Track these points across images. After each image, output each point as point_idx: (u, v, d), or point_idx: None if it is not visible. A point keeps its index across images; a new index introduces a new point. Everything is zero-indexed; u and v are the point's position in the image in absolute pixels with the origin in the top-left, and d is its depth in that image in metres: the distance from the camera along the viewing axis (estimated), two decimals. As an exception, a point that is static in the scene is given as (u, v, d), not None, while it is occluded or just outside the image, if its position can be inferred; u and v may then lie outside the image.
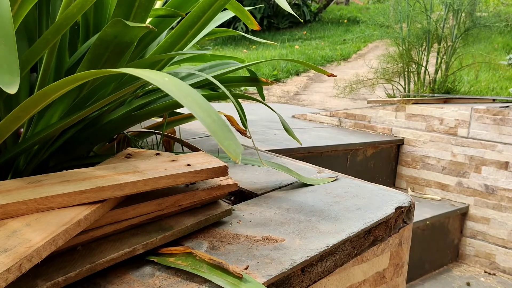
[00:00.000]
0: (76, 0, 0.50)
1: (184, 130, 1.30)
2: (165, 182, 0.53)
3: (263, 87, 0.86)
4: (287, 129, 0.72)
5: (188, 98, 0.36)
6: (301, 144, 0.84)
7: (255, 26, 0.86)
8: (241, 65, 0.79)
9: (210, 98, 0.75)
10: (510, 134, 2.20)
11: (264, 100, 0.83)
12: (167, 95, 0.71)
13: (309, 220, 0.65)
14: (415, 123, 2.56)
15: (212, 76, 0.74)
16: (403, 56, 3.20)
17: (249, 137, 0.80)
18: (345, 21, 10.20)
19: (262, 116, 2.40)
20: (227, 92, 0.48)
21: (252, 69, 0.94)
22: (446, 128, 2.45)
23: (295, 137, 0.75)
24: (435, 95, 3.06)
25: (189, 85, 0.67)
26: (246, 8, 0.93)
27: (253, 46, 7.43)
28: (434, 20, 3.18)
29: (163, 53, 0.69)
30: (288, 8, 0.73)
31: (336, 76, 0.89)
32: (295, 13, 9.53)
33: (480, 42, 3.22)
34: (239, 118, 0.59)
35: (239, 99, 0.75)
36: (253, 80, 0.82)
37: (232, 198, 0.80)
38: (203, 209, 0.60)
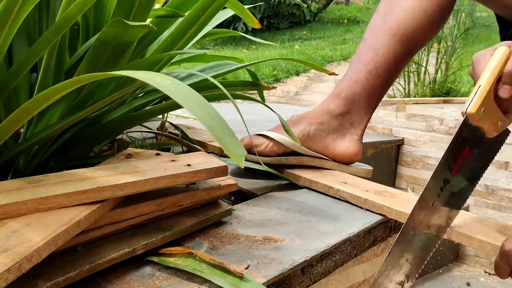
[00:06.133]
0: (76, 1, 0.50)
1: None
2: (165, 182, 0.53)
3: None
4: (287, 130, 0.72)
5: (188, 98, 0.36)
6: (300, 144, 0.83)
7: (256, 25, 0.86)
8: (240, 64, 0.79)
9: (209, 99, 0.75)
10: (510, 134, 2.20)
11: (264, 101, 0.83)
12: (167, 95, 0.71)
13: (309, 220, 0.65)
14: (415, 123, 2.56)
15: (213, 76, 0.74)
16: (403, 56, 3.19)
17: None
18: (345, 21, 10.20)
19: (262, 116, 2.40)
20: (226, 91, 0.48)
21: (252, 69, 0.94)
22: (446, 128, 2.45)
23: (295, 138, 0.75)
24: (435, 97, 3.06)
25: (189, 85, 0.67)
26: (246, 7, 0.93)
27: (253, 46, 7.43)
28: (434, 20, 3.17)
29: (162, 52, 0.69)
30: None
31: (337, 74, 0.89)
32: (295, 13, 9.53)
33: (480, 42, 3.22)
34: (240, 118, 0.59)
35: (239, 99, 0.75)
36: (254, 84, 0.82)
37: (232, 198, 0.80)
38: (203, 209, 0.60)
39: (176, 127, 1.02)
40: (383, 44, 0.85)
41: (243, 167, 0.36)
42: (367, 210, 0.71)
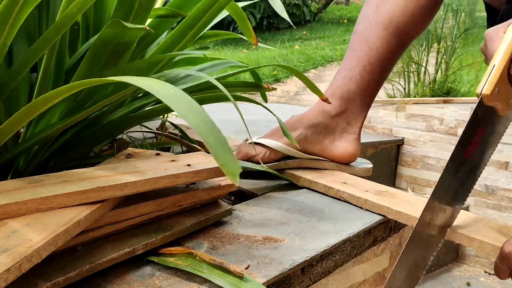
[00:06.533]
0: (76, 0, 0.50)
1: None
2: (165, 182, 0.53)
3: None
4: (287, 135, 0.72)
5: (182, 103, 0.35)
6: (299, 148, 0.83)
7: (253, 40, 0.85)
8: (241, 69, 0.79)
9: (210, 100, 0.75)
10: (510, 134, 2.21)
11: (266, 101, 0.83)
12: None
13: (309, 220, 0.65)
14: (415, 123, 2.56)
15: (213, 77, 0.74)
16: (403, 56, 3.20)
17: None
18: (345, 21, 10.20)
19: (262, 116, 2.40)
20: (228, 94, 0.48)
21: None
22: (446, 128, 2.45)
23: (293, 140, 0.74)
24: (435, 97, 3.06)
25: (189, 87, 0.67)
26: (244, 4, 0.92)
27: (253, 46, 7.43)
28: (433, 20, 3.18)
29: (163, 53, 0.69)
30: (283, 14, 0.73)
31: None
32: (295, 13, 9.53)
33: (480, 42, 3.22)
34: (240, 118, 0.59)
35: (239, 101, 0.75)
36: (255, 86, 0.82)
37: (232, 198, 0.80)
38: (203, 209, 0.60)
39: (176, 127, 1.02)
40: (376, 38, 0.84)
41: (237, 185, 0.36)
42: (367, 210, 0.71)
